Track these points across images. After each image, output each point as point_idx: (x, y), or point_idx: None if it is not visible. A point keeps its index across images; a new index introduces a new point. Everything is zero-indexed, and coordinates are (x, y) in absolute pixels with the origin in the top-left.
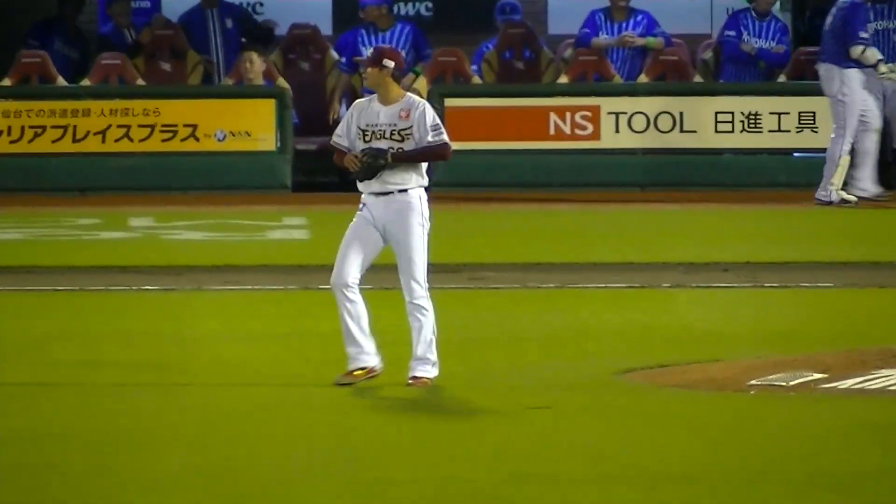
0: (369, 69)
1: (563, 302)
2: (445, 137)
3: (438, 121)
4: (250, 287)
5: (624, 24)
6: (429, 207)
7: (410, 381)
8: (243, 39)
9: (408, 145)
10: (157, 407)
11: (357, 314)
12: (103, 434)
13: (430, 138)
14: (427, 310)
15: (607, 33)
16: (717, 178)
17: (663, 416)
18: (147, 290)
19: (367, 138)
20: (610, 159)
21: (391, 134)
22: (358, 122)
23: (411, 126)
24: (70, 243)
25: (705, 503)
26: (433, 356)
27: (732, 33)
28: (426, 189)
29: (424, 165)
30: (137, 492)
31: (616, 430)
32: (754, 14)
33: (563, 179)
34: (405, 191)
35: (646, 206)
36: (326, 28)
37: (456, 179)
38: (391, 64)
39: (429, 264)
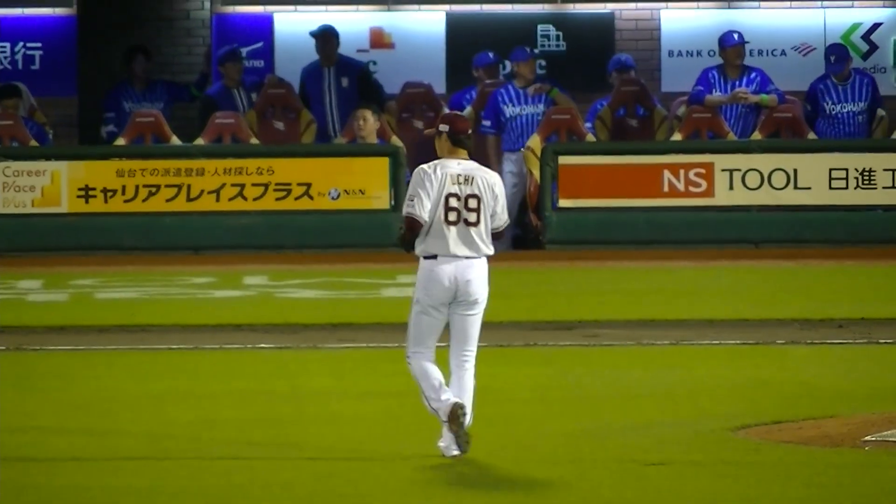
0: (435, 137)
1: (677, 359)
2: (405, 209)
3: (411, 191)
4: (365, 345)
5: (737, 82)
6: (422, 276)
7: None
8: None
9: None
10: (271, 464)
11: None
12: (218, 491)
13: None
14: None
15: (721, 91)
16: (831, 235)
17: (779, 472)
18: (262, 348)
19: None
20: (724, 216)
21: None
22: None
23: None
24: (184, 302)
25: None
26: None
27: (809, 107)
28: (426, 258)
29: (423, 235)
30: None
31: (732, 486)
32: (834, 80)
33: (676, 236)
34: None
35: (760, 262)
36: (440, 87)
37: (569, 237)
38: (445, 128)
39: (410, 330)
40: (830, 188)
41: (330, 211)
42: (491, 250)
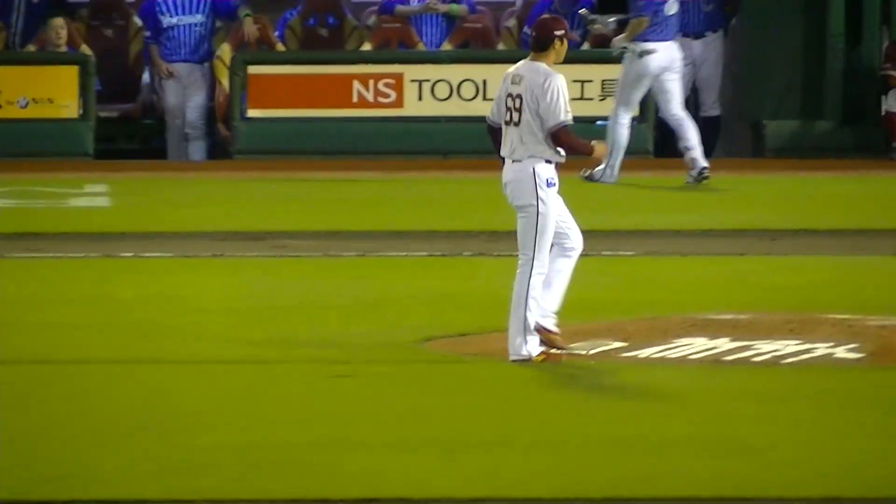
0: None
1: (365, 270)
2: None
3: None
4: (52, 254)
5: None
6: None
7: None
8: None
9: None
10: None
11: None
12: None
13: None
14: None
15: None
16: None
17: (465, 383)
18: None
19: None
20: (413, 127)
21: None
22: None
23: None
24: None
25: (507, 469)
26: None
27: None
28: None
29: None
30: None
31: (418, 397)
32: None
33: (366, 147)
34: None
35: (449, 173)
36: None
37: (259, 147)
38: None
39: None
40: None
41: (18, 119)
42: (532, 152)
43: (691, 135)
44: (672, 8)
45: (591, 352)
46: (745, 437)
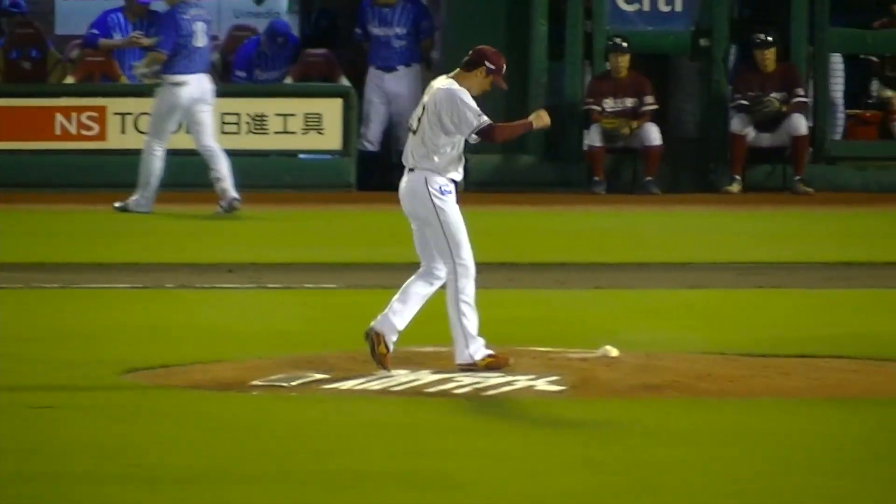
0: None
1: (67, 302)
2: None
3: None
4: None
5: (137, 24)
6: None
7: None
8: None
9: None
10: None
11: None
12: None
13: None
14: None
15: (123, 33)
16: (247, 180)
17: (166, 415)
18: None
19: None
20: (116, 160)
21: None
22: None
23: None
24: None
25: (204, 502)
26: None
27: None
28: None
29: None
30: None
31: (119, 429)
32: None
33: (69, 180)
34: None
35: (158, 207)
36: None
37: None
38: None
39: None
40: (223, 133)
41: None
42: (424, 163)
43: (222, 166)
44: (200, 41)
45: (293, 384)
46: (448, 470)
